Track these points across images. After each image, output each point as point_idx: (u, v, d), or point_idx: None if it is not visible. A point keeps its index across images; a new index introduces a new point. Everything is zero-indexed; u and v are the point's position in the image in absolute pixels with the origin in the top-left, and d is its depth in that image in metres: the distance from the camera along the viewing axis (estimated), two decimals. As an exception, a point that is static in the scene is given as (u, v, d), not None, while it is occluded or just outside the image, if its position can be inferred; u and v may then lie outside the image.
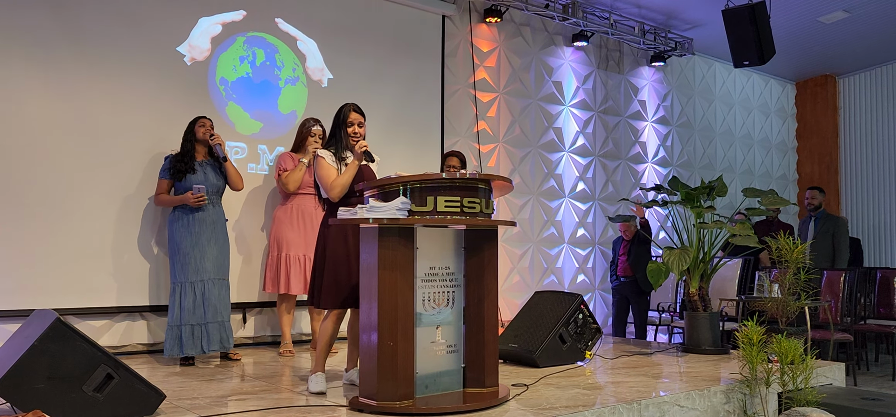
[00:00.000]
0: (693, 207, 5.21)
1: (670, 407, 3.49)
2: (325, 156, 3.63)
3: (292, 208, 5.08)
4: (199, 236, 4.54)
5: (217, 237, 4.62)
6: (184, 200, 4.52)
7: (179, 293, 4.46)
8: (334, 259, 3.56)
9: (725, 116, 9.65)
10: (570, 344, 4.53)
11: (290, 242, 5.01)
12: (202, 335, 4.45)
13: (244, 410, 3.14)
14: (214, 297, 4.51)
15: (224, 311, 4.58)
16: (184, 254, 4.49)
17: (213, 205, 4.65)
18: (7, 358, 2.82)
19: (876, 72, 10.09)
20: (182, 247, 4.51)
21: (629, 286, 6.87)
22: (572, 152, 7.84)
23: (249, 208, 5.45)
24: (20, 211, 4.57)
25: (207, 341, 4.45)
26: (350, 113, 3.71)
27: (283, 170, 5.07)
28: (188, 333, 4.42)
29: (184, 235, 4.52)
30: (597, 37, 8.04)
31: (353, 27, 6.09)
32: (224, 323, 4.56)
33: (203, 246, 4.53)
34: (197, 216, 4.56)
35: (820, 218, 7.10)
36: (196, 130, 4.68)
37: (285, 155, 5.14)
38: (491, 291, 3.43)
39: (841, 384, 4.47)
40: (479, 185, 3.30)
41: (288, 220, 5.06)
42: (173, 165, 4.60)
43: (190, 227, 4.53)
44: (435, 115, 6.57)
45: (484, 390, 3.36)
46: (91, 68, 4.86)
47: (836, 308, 6.05)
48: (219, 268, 4.60)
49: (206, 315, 4.47)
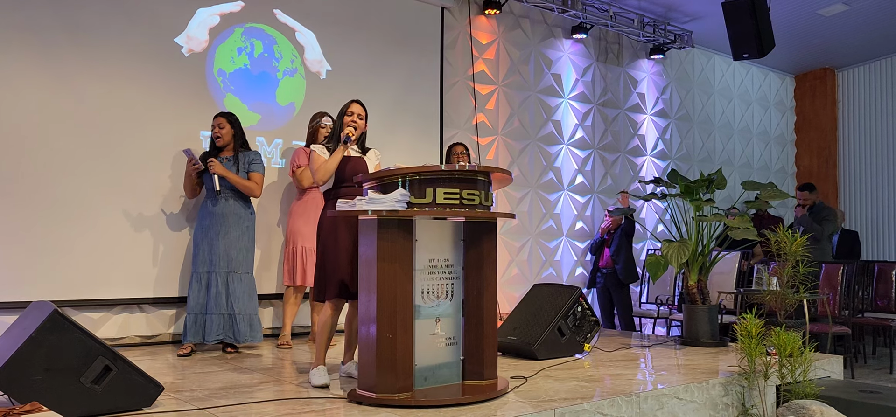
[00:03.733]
0: (692, 200, 5.21)
1: (669, 400, 3.49)
2: (317, 149, 3.68)
3: (307, 202, 5.15)
4: (209, 229, 4.67)
5: (229, 231, 4.69)
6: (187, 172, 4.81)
7: (193, 283, 4.66)
8: (325, 250, 3.57)
9: (724, 109, 9.64)
10: (568, 336, 4.53)
11: (306, 235, 5.06)
12: (204, 324, 4.59)
13: (243, 402, 3.14)
14: (218, 289, 4.60)
15: (235, 304, 4.66)
16: (195, 245, 4.72)
17: (226, 199, 4.72)
18: (5, 350, 2.81)
19: (875, 66, 10.08)
20: (196, 239, 4.74)
21: (610, 277, 6.93)
22: (571, 145, 7.83)
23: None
24: (17, 202, 4.56)
25: (208, 330, 4.56)
26: (351, 105, 3.75)
27: (296, 165, 5.14)
28: (192, 321, 4.59)
29: (197, 228, 4.76)
30: (596, 29, 8.02)
31: (352, 19, 6.07)
32: (229, 315, 4.64)
33: (212, 240, 4.65)
34: (210, 209, 4.71)
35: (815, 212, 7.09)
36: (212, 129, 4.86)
37: (299, 150, 5.22)
38: (490, 283, 3.43)
39: (839, 376, 4.48)
40: (478, 177, 3.29)
41: (302, 213, 5.12)
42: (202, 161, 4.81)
43: (202, 220, 4.73)
44: (434, 108, 6.56)
45: (483, 382, 3.36)
46: (89, 60, 4.83)
47: (835, 301, 6.06)
48: (229, 261, 4.67)
49: (209, 305, 4.59)
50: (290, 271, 5.11)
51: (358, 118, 3.71)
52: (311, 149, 3.70)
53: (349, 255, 3.51)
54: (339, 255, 3.53)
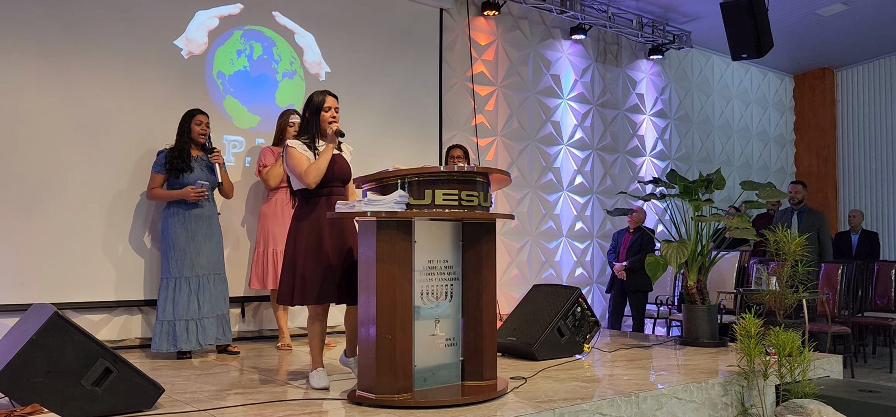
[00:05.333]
0: (691, 200, 5.21)
1: (668, 400, 3.50)
2: (296, 146, 3.49)
3: (276, 202, 5.04)
4: (196, 232, 4.55)
5: (212, 232, 4.64)
6: (184, 195, 4.50)
7: (173, 288, 4.47)
8: (306, 252, 3.44)
9: (723, 109, 9.65)
10: (568, 336, 4.53)
11: (277, 237, 4.94)
12: (198, 329, 4.48)
13: (244, 404, 3.14)
14: (210, 292, 4.55)
15: (223, 305, 4.61)
16: (180, 250, 4.50)
17: (209, 200, 4.68)
18: (5, 353, 2.82)
19: (874, 65, 10.09)
20: (178, 243, 4.50)
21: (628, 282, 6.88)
22: (570, 145, 7.84)
23: (250, 202, 5.44)
24: (17, 205, 4.56)
25: (204, 335, 4.49)
26: (326, 98, 3.57)
27: (263, 165, 5.03)
28: (183, 328, 4.43)
29: (179, 231, 4.52)
30: (595, 30, 8.03)
31: (351, 20, 6.07)
32: (222, 317, 4.59)
33: (199, 242, 4.55)
34: (193, 212, 4.56)
35: (803, 213, 7.08)
36: (192, 127, 4.64)
37: (266, 149, 5.10)
38: (489, 284, 3.43)
39: (838, 376, 4.48)
40: (477, 178, 3.30)
41: (273, 215, 5.02)
42: (169, 161, 4.55)
43: (186, 223, 4.54)
44: (433, 109, 6.57)
45: (482, 383, 3.36)
46: (88, 62, 4.84)
47: (834, 300, 6.06)
48: (214, 263, 4.62)
49: (202, 309, 4.50)
50: (259, 275, 5.00)
51: (336, 111, 3.57)
52: (288, 146, 3.51)
53: (333, 260, 3.45)
54: (322, 259, 3.44)
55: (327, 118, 3.55)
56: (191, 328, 4.46)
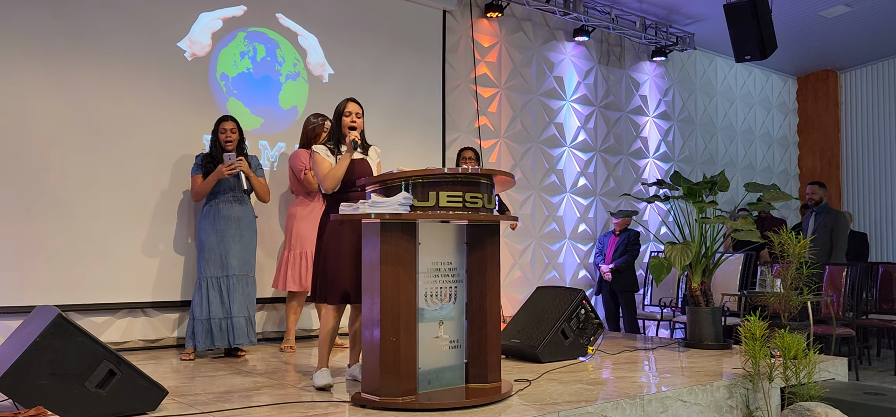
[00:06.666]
0: (695, 202, 5.20)
1: (673, 402, 3.49)
2: (320, 151, 3.64)
3: (314, 206, 5.04)
4: (224, 233, 4.64)
5: (242, 234, 4.71)
6: (218, 175, 4.61)
7: (205, 288, 4.58)
8: (328, 253, 3.54)
9: (727, 111, 9.64)
10: (572, 339, 4.52)
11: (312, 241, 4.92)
12: (229, 328, 4.57)
13: (247, 406, 3.14)
14: (239, 293, 4.61)
15: (250, 306, 4.68)
16: (209, 250, 4.62)
17: (241, 202, 4.73)
18: (9, 355, 2.81)
19: (877, 67, 10.06)
20: (207, 244, 4.63)
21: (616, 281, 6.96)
22: (573, 147, 7.83)
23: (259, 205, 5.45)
24: (21, 207, 4.56)
25: (234, 335, 4.57)
26: (347, 104, 3.72)
27: (306, 169, 5.01)
28: (217, 327, 4.55)
29: (209, 232, 4.64)
30: (598, 32, 8.02)
31: (354, 22, 6.07)
32: (248, 318, 4.65)
33: (228, 243, 4.63)
34: (223, 213, 4.66)
35: (821, 213, 7.07)
36: (218, 134, 4.76)
37: (301, 152, 5.09)
38: (493, 286, 3.42)
39: (843, 378, 4.46)
40: (481, 180, 3.29)
41: (309, 218, 5.01)
42: (204, 164, 4.72)
43: (215, 224, 4.65)
44: (436, 111, 6.56)
45: (486, 385, 3.36)
46: (91, 64, 4.84)
47: (839, 303, 6.04)
48: (243, 265, 4.68)
49: (232, 309, 4.58)
50: (295, 276, 5.00)
51: (357, 117, 3.68)
52: (314, 151, 3.65)
53: (352, 260, 3.50)
54: (343, 260, 3.52)
55: (347, 123, 3.66)
56: (223, 326, 4.56)
